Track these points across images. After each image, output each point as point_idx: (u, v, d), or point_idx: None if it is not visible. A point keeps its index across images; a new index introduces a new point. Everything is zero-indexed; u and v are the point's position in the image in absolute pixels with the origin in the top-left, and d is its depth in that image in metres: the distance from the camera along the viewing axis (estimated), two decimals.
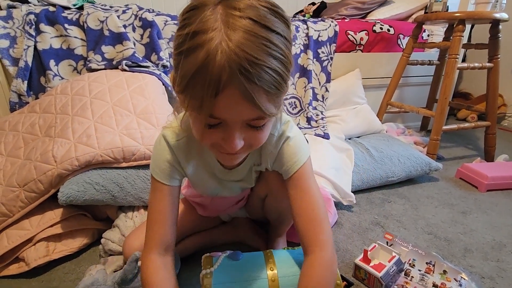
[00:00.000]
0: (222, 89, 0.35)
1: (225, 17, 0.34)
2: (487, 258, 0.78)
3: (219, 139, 0.41)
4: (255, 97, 0.35)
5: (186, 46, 0.35)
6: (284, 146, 0.52)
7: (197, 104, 0.37)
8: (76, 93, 0.91)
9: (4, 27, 1.05)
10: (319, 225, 0.50)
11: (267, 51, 0.35)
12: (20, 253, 0.72)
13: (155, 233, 0.53)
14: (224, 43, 0.33)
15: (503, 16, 1.19)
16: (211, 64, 0.34)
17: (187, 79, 0.36)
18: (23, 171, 0.75)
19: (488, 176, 1.12)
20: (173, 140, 0.52)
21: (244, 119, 0.39)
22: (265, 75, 0.35)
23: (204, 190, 0.65)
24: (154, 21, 1.16)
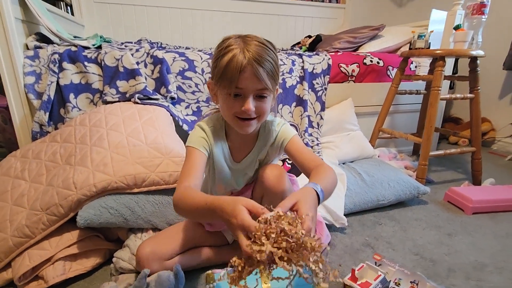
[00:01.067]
0: (243, 69, 0.63)
1: (242, 40, 0.65)
2: (468, 278, 0.85)
3: (240, 108, 0.66)
4: (261, 74, 0.63)
5: (221, 54, 0.65)
6: (282, 127, 0.79)
7: (227, 82, 0.64)
8: (93, 125, 1.02)
9: (31, 65, 1.18)
10: (317, 158, 0.73)
11: (267, 53, 0.65)
12: (40, 271, 0.79)
13: (187, 177, 0.67)
14: (244, 49, 0.63)
15: (479, 53, 1.31)
16: (236, 58, 0.63)
17: (222, 68, 0.64)
18: (46, 197, 0.84)
19: (473, 199, 1.19)
20: (205, 126, 0.76)
21: (255, 89, 0.65)
22: (266, 63, 0.64)
23: (219, 175, 0.81)
24: (164, 58, 1.29)
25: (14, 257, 0.81)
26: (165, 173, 0.91)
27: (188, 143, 0.74)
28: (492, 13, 1.98)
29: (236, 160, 0.80)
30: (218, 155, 0.77)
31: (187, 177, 0.68)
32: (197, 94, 1.36)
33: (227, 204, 0.51)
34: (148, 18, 2.21)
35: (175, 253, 0.81)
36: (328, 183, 0.63)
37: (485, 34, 1.37)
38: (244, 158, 0.80)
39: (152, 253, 0.76)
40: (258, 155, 0.80)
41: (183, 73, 1.33)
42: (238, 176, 0.82)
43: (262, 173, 0.77)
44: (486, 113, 2.15)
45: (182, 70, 1.33)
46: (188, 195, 0.61)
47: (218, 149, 0.77)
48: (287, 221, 0.46)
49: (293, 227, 0.45)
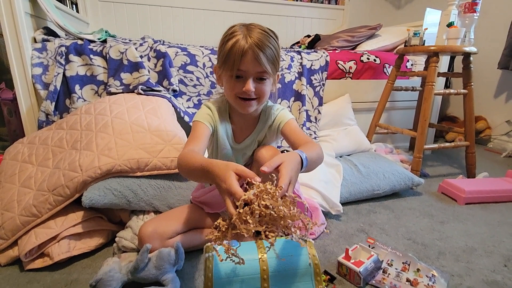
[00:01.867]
0: (244, 53, 0.68)
1: (246, 28, 0.71)
2: (458, 260, 0.88)
3: (241, 88, 0.72)
4: (261, 58, 0.69)
5: (226, 39, 0.71)
6: (281, 111, 0.85)
7: (230, 65, 0.70)
8: (98, 113, 1.06)
9: (39, 57, 1.22)
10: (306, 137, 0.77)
11: (268, 40, 0.70)
12: (45, 249, 0.82)
13: (191, 143, 0.73)
14: (247, 35, 0.69)
15: (472, 50, 1.36)
16: (239, 43, 0.68)
17: (226, 52, 0.70)
18: (52, 178, 0.88)
19: (466, 190, 1.22)
20: (211, 105, 0.82)
21: (255, 71, 0.71)
22: (267, 49, 0.70)
23: (221, 152, 0.85)
24: (167, 52, 1.33)
25: (21, 235, 0.84)
26: (166, 158, 0.95)
27: (195, 118, 0.79)
28: (486, 13, 2.03)
29: (237, 141, 0.86)
30: (222, 133, 0.83)
31: (192, 142, 0.74)
32: (198, 88, 1.40)
33: (218, 168, 0.54)
34: (151, 16, 2.27)
35: (176, 233, 0.84)
36: (313, 154, 0.67)
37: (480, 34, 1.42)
38: (245, 139, 0.86)
39: (154, 232, 0.79)
40: (257, 136, 0.86)
41: (185, 67, 1.38)
42: (238, 155, 0.88)
43: (258, 153, 0.81)
44: (482, 112, 2.19)
45: (184, 64, 1.38)
46: (189, 156, 0.65)
47: (222, 127, 0.82)
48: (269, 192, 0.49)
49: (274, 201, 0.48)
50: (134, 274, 0.72)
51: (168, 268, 0.74)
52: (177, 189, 0.97)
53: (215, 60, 1.43)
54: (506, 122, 2.06)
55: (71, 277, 0.78)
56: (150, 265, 0.73)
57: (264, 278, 0.57)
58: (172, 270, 0.75)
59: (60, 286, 0.75)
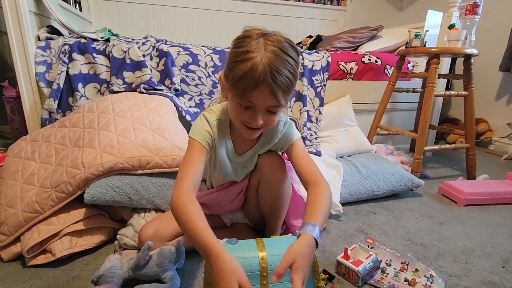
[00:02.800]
0: (258, 85, 0.58)
1: (264, 44, 0.59)
2: (456, 261, 0.88)
3: (248, 118, 0.64)
4: (277, 92, 0.59)
5: (241, 58, 0.59)
6: (288, 128, 0.78)
7: (240, 92, 0.60)
8: (101, 111, 1.07)
9: (42, 55, 1.23)
10: (314, 168, 0.72)
11: (286, 67, 0.60)
12: (47, 245, 0.83)
13: (188, 172, 0.65)
14: (263, 59, 0.58)
15: (473, 52, 1.36)
16: (255, 70, 0.57)
17: (238, 77, 0.59)
18: (55, 175, 0.89)
19: (465, 191, 1.23)
20: (211, 119, 0.74)
21: (266, 106, 0.63)
22: (283, 79, 0.59)
23: (220, 167, 0.81)
24: (169, 51, 1.34)
25: (23, 231, 0.85)
26: (168, 157, 0.96)
27: (192, 135, 0.72)
28: (488, 16, 2.04)
29: (238, 153, 0.80)
30: (221, 149, 0.77)
31: (188, 172, 0.65)
32: (200, 87, 1.41)
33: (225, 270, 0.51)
34: (153, 16, 2.28)
35: (176, 235, 0.84)
36: (325, 214, 0.63)
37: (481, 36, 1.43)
38: (246, 152, 0.80)
39: (154, 235, 0.79)
40: (259, 150, 0.81)
41: (187, 67, 1.39)
42: (238, 169, 0.83)
43: (261, 161, 0.79)
44: (483, 114, 2.19)
45: (186, 63, 1.39)
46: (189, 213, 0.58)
47: (221, 143, 0.76)
48: None
49: None
50: (135, 271, 0.73)
51: (169, 266, 0.75)
52: None
53: (217, 60, 1.44)
54: (507, 124, 2.06)
55: (72, 274, 0.79)
56: (151, 263, 0.74)
57: (264, 276, 0.57)
58: (172, 268, 0.76)
59: (62, 282, 0.76)
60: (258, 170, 0.82)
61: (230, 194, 0.87)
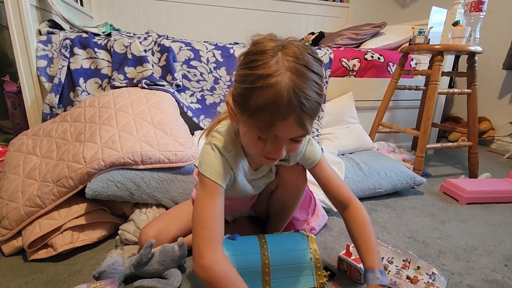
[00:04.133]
0: (286, 118, 0.48)
1: (285, 62, 0.48)
2: (458, 259, 0.88)
3: (268, 150, 0.55)
4: (305, 122, 0.50)
5: (259, 85, 0.48)
6: (308, 146, 0.69)
7: (263, 126, 0.50)
8: (102, 106, 1.07)
9: (43, 49, 1.23)
10: (344, 188, 0.70)
11: (313, 89, 0.49)
12: (49, 240, 0.83)
13: (216, 229, 0.56)
14: (288, 85, 0.47)
15: (477, 49, 1.35)
16: (280, 100, 0.47)
17: (258, 109, 0.49)
18: (56, 170, 0.88)
19: (468, 190, 1.22)
20: (225, 151, 0.62)
21: (292, 136, 0.53)
22: (312, 106, 0.50)
23: (241, 190, 0.73)
24: (171, 47, 1.33)
25: (25, 226, 0.85)
26: (170, 152, 0.95)
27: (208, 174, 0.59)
28: (491, 13, 2.02)
29: (254, 168, 0.73)
30: (240, 176, 0.69)
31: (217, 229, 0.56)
32: (201, 83, 1.41)
33: None
34: (155, 11, 2.27)
35: (178, 236, 0.81)
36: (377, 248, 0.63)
37: (484, 34, 1.41)
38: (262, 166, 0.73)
39: (155, 238, 0.76)
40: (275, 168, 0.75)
41: (188, 62, 1.38)
42: (256, 185, 0.76)
43: (283, 168, 0.74)
44: (486, 112, 2.18)
45: (188, 59, 1.38)
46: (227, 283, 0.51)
47: (238, 170, 0.68)
48: None
49: None
50: (137, 268, 0.73)
51: (171, 264, 0.75)
52: (180, 182, 0.97)
53: (219, 55, 1.43)
54: (510, 123, 2.05)
55: (74, 268, 0.79)
56: (153, 260, 0.74)
57: (266, 272, 0.57)
58: (175, 265, 0.76)
59: (63, 276, 0.76)
60: (278, 176, 0.78)
61: (243, 200, 0.85)
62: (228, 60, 1.44)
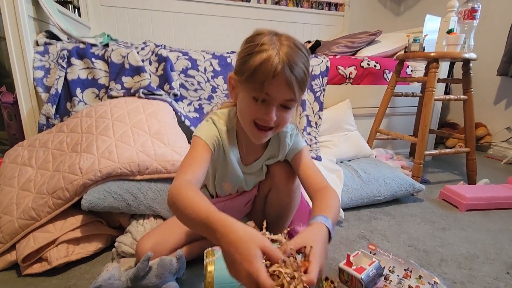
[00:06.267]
0: (276, 75, 0.57)
1: (278, 40, 0.59)
2: (460, 267, 0.87)
3: (262, 114, 0.62)
4: (293, 84, 0.59)
5: (256, 50, 0.58)
6: (294, 138, 0.77)
7: (257, 85, 0.59)
8: (99, 116, 1.06)
9: (40, 60, 1.22)
10: (321, 177, 0.71)
11: (302, 61, 0.60)
12: (43, 253, 0.81)
13: (189, 168, 0.62)
14: (279, 51, 0.58)
15: (472, 56, 1.37)
16: (272, 60, 0.57)
17: (253, 68, 0.58)
18: (52, 181, 0.87)
19: (467, 196, 1.22)
20: (219, 125, 0.72)
21: (283, 98, 0.61)
22: (299, 71, 0.59)
23: (232, 175, 0.78)
24: (168, 56, 1.34)
25: (19, 239, 0.83)
26: (167, 162, 0.94)
27: (199, 134, 0.69)
28: (485, 20, 2.05)
29: (245, 163, 0.78)
30: (232, 156, 0.74)
31: (190, 168, 0.62)
32: (199, 92, 1.41)
33: (239, 240, 0.43)
34: (152, 22, 2.28)
35: (175, 249, 0.79)
36: (336, 213, 0.61)
37: (478, 41, 1.43)
38: (252, 162, 0.79)
39: (152, 250, 0.75)
40: (266, 161, 0.79)
41: (186, 71, 1.38)
42: (248, 178, 0.81)
43: (273, 168, 0.78)
44: (482, 118, 2.19)
45: (185, 68, 1.38)
46: (188, 196, 0.53)
47: (230, 150, 0.74)
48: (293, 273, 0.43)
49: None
50: (134, 282, 0.71)
51: (169, 277, 0.73)
52: None
53: (216, 64, 1.43)
54: (506, 128, 2.06)
55: (69, 283, 0.77)
56: (150, 274, 0.72)
57: None
58: (172, 279, 0.74)
59: None
60: (269, 178, 0.80)
61: (237, 204, 0.86)
62: (225, 69, 1.44)
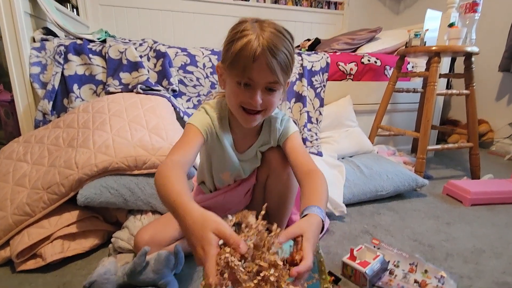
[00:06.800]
0: (256, 59, 0.58)
1: (259, 26, 0.61)
2: (466, 261, 0.84)
3: (247, 98, 0.63)
4: (274, 67, 0.59)
5: (237, 37, 0.59)
6: (285, 123, 0.77)
7: (239, 70, 0.60)
8: (96, 111, 1.04)
9: (37, 56, 1.21)
10: (309, 160, 0.69)
11: (283, 43, 0.60)
12: (38, 249, 0.79)
13: (179, 150, 0.63)
14: (259, 36, 0.59)
15: (474, 50, 1.35)
16: (250, 45, 0.58)
17: (235, 54, 0.59)
18: (47, 176, 0.85)
19: (471, 191, 1.20)
20: (211, 113, 0.72)
21: (266, 81, 0.61)
22: (281, 55, 0.59)
23: (229, 163, 0.78)
24: (167, 52, 1.32)
25: (13, 235, 0.81)
26: (165, 156, 0.92)
27: (191, 121, 0.70)
28: (486, 16, 2.04)
29: (239, 150, 0.78)
30: (226, 143, 0.75)
31: (179, 150, 0.63)
32: (198, 88, 1.39)
33: (194, 223, 0.44)
34: (151, 21, 2.27)
35: (174, 240, 0.79)
36: (325, 201, 0.60)
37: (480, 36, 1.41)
38: (247, 149, 0.78)
39: (151, 241, 0.75)
40: (260, 148, 0.79)
41: (184, 67, 1.37)
42: (245, 166, 0.80)
43: (269, 154, 0.77)
44: (484, 115, 2.17)
45: (184, 64, 1.37)
46: (166, 175, 0.54)
47: (224, 137, 0.74)
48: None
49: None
50: (130, 277, 0.69)
51: (167, 273, 0.71)
52: None
53: (215, 61, 1.42)
54: (509, 124, 2.04)
55: (64, 279, 0.75)
56: (148, 269, 0.70)
57: None
58: (170, 274, 0.72)
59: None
60: (266, 164, 0.79)
61: (237, 195, 0.84)
62: None
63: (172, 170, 0.56)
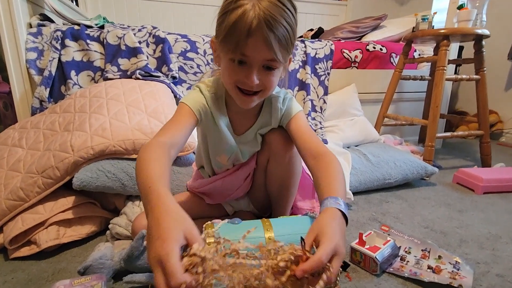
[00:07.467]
0: (252, 34, 0.51)
1: None
2: (482, 247, 0.80)
3: (242, 77, 0.57)
4: (272, 42, 0.52)
5: (231, 8, 0.52)
6: (288, 102, 0.71)
7: (232, 46, 0.53)
8: (94, 96, 1.01)
9: (33, 41, 1.18)
10: (318, 141, 0.64)
11: (283, 15, 0.52)
12: (32, 236, 0.76)
13: (167, 130, 0.59)
14: (256, 6, 0.51)
15: (485, 32, 1.30)
16: (246, 16, 0.51)
17: (228, 28, 0.52)
18: (42, 160, 0.82)
19: (484, 178, 1.15)
20: (205, 92, 0.67)
21: (262, 59, 0.55)
22: (280, 28, 0.52)
23: (225, 145, 0.72)
24: (166, 38, 1.29)
25: (6, 221, 0.78)
26: None
27: (184, 100, 0.65)
28: (494, 4, 1.98)
29: (237, 133, 0.73)
30: (223, 125, 0.69)
31: (168, 130, 0.59)
32: (198, 75, 1.35)
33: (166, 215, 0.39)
34: (151, 12, 2.24)
35: None
36: (344, 187, 0.53)
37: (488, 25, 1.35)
38: (245, 131, 0.73)
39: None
40: (260, 130, 0.73)
41: (185, 54, 1.33)
42: (243, 149, 0.75)
43: (269, 136, 0.72)
44: (493, 105, 2.11)
45: (184, 51, 1.33)
46: (146, 157, 0.50)
47: (220, 118, 0.68)
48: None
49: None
50: (127, 262, 0.65)
51: None
52: (176, 174, 0.90)
53: None
54: None
55: (59, 266, 0.72)
56: (145, 254, 0.66)
57: None
58: None
59: (46, 275, 0.69)
60: (266, 147, 0.74)
61: (237, 179, 0.79)
62: None
63: (155, 153, 0.51)
